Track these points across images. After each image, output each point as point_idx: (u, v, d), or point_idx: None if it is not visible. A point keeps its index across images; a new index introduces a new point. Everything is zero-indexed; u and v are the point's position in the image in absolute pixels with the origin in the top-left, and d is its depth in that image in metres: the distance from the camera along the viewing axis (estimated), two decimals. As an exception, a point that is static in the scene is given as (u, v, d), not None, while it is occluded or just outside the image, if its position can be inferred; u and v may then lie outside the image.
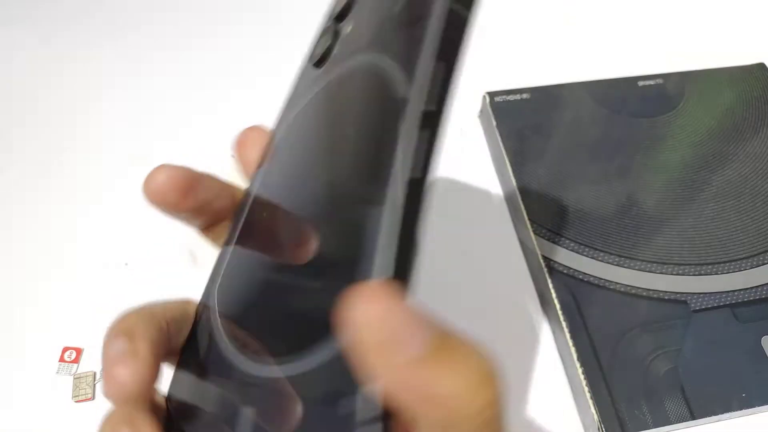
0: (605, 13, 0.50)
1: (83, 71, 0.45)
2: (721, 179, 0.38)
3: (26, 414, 0.30)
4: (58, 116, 0.42)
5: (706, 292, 0.33)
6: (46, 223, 0.37)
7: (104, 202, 0.38)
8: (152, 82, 0.44)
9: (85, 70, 0.45)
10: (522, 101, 0.41)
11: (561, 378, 0.32)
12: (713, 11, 0.51)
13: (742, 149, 0.39)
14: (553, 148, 0.39)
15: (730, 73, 0.44)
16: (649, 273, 0.34)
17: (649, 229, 0.36)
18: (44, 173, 0.39)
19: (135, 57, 0.46)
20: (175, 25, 0.47)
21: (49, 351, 0.32)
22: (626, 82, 0.43)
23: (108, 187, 0.39)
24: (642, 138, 0.40)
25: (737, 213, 0.36)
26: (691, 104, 0.42)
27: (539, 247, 0.35)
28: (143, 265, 0.35)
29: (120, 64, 0.45)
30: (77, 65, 0.45)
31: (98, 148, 0.41)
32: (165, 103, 0.43)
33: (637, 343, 0.31)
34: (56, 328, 0.33)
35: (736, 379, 0.30)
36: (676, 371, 0.31)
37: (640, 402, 0.30)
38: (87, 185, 0.39)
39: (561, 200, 0.37)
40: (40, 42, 0.46)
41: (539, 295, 0.35)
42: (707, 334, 0.32)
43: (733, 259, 0.34)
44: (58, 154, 0.40)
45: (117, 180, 0.39)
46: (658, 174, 0.38)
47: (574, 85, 0.42)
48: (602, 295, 0.33)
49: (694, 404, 0.30)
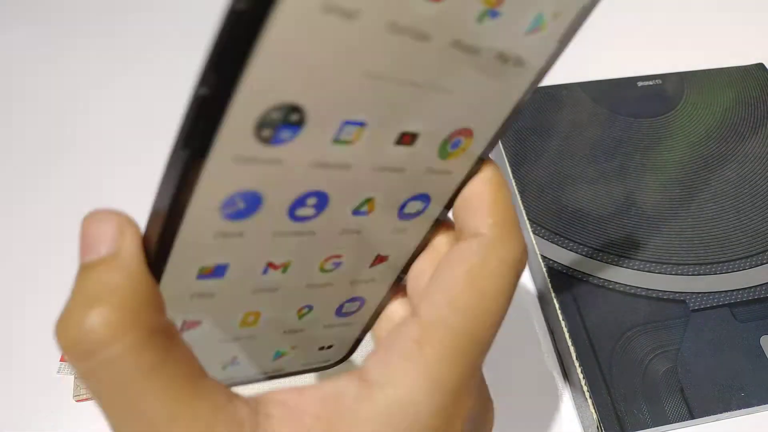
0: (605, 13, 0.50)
1: (83, 70, 0.45)
2: (720, 179, 0.38)
3: (27, 413, 0.30)
4: (57, 115, 0.42)
5: (705, 292, 0.33)
6: (46, 222, 0.37)
7: (104, 202, 0.38)
8: (153, 82, 0.44)
9: (84, 70, 0.45)
10: (521, 101, 0.41)
11: (560, 378, 0.32)
12: (713, 11, 0.51)
13: (741, 149, 0.40)
14: (553, 148, 0.39)
15: (729, 73, 0.44)
16: (648, 273, 0.34)
17: (648, 229, 0.36)
18: (44, 173, 0.39)
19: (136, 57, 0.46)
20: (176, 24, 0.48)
21: (50, 350, 0.32)
22: (625, 82, 0.43)
23: (108, 187, 0.39)
24: (641, 138, 0.40)
25: (736, 213, 0.37)
26: (690, 104, 0.42)
27: (538, 246, 0.35)
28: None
29: (121, 64, 0.45)
30: (77, 64, 0.45)
31: (98, 147, 0.41)
32: (165, 103, 0.43)
33: (636, 342, 0.31)
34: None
35: (735, 378, 0.30)
36: (675, 371, 0.31)
37: (639, 401, 0.30)
38: (87, 185, 0.39)
39: (560, 200, 0.37)
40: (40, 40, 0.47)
41: (539, 295, 0.35)
42: (706, 334, 0.32)
43: (732, 259, 0.35)
44: (59, 154, 0.40)
45: (117, 180, 0.39)
46: (657, 174, 0.38)
47: (574, 85, 0.42)
48: (601, 295, 0.33)
49: (693, 404, 0.30)
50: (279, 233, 0.16)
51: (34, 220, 0.37)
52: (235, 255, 0.16)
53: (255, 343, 0.20)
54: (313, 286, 0.19)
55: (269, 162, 0.14)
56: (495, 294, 0.16)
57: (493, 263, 0.16)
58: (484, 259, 0.16)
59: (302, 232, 0.17)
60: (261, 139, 0.13)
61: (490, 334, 0.16)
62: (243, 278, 0.17)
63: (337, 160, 0.15)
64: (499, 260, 0.16)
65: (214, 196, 0.14)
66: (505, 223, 0.17)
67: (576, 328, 0.32)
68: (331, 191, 0.16)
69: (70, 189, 0.39)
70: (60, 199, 0.38)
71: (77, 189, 0.39)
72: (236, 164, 0.14)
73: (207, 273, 0.16)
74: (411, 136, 0.16)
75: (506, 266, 0.16)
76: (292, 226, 0.16)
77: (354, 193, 0.16)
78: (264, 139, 0.14)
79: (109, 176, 0.39)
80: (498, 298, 0.16)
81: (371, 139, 0.15)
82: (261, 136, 0.13)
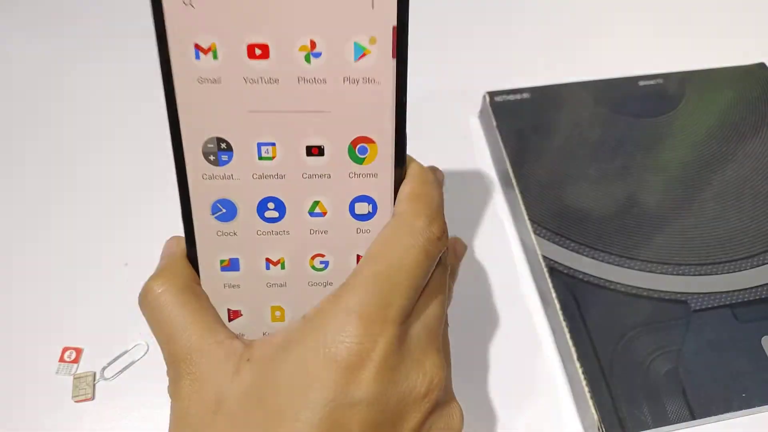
0: (605, 13, 0.50)
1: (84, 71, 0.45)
2: (722, 179, 0.38)
3: (26, 414, 0.30)
4: (58, 116, 0.42)
5: (707, 292, 0.33)
6: (45, 223, 0.37)
7: (104, 202, 0.38)
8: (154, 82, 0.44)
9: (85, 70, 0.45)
10: (522, 101, 0.41)
11: (561, 378, 0.32)
12: (713, 11, 0.51)
13: (743, 149, 0.40)
14: (554, 147, 0.39)
15: (730, 72, 0.44)
16: (650, 273, 0.34)
17: (649, 229, 0.36)
18: (44, 173, 0.39)
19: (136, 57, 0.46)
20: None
21: (48, 351, 0.32)
22: (626, 81, 0.43)
23: (108, 188, 0.39)
24: (642, 138, 0.40)
25: (737, 213, 0.36)
26: (691, 104, 0.42)
27: (539, 247, 0.35)
28: (143, 266, 0.35)
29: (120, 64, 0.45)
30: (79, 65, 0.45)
31: (99, 147, 0.41)
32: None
33: (638, 343, 0.31)
34: (56, 328, 0.33)
35: (737, 379, 0.30)
36: (676, 371, 0.31)
37: (641, 402, 0.30)
38: (87, 185, 0.39)
39: (561, 200, 0.37)
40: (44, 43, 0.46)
41: (539, 295, 0.35)
42: (707, 334, 0.32)
43: (734, 259, 0.34)
44: (58, 155, 0.40)
45: (118, 180, 0.39)
46: (658, 174, 0.38)
47: (575, 84, 0.42)
48: (602, 295, 0.33)
49: (694, 404, 0.30)
50: (261, 232, 0.22)
51: (34, 220, 0.37)
52: (238, 250, 0.22)
53: None
54: (315, 284, 0.23)
55: (225, 177, 0.21)
56: (402, 247, 0.21)
57: (402, 229, 0.21)
58: (394, 227, 0.21)
59: (278, 231, 0.22)
60: (210, 162, 0.21)
61: (401, 274, 0.20)
62: (253, 271, 0.23)
63: (270, 172, 0.21)
64: (408, 226, 0.21)
65: (204, 204, 0.21)
66: (417, 203, 0.22)
67: (577, 329, 0.32)
68: (282, 196, 0.22)
69: (70, 189, 0.39)
70: (60, 199, 0.38)
71: (77, 189, 0.39)
72: (206, 180, 0.21)
73: (226, 266, 0.23)
74: (317, 148, 0.21)
75: (411, 229, 0.21)
76: (267, 226, 0.22)
77: (301, 198, 0.22)
78: (213, 162, 0.21)
79: (110, 176, 0.39)
80: (406, 251, 0.21)
81: (286, 153, 0.21)
82: (209, 160, 0.21)
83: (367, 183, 0.22)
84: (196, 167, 0.21)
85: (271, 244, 0.22)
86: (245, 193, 0.21)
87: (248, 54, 0.19)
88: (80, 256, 0.36)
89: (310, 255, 0.23)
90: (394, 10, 0.19)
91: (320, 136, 0.21)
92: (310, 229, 0.22)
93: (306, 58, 0.19)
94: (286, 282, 0.23)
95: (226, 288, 0.23)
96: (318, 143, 0.21)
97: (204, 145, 0.20)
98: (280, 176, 0.21)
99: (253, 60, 0.19)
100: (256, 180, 0.21)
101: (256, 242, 0.22)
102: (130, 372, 0.31)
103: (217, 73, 0.19)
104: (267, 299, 0.23)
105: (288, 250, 0.23)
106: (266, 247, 0.22)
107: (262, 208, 0.22)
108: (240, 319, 0.23)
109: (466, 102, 0.43)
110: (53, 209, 0.38)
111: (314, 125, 0.21)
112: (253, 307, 0.23)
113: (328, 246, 0.23)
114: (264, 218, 0.22)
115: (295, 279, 0.23)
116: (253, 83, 0.20)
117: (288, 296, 0.23)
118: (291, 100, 0.20)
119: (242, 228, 0.22)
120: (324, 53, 0.19)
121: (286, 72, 0.20)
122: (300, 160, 0.21)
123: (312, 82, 0.20)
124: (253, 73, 0.19)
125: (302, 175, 0.21)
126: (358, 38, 0.19)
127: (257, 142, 0.21)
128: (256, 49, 0.19)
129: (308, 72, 0.20)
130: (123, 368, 0.32)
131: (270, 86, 0.20)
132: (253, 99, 0.20)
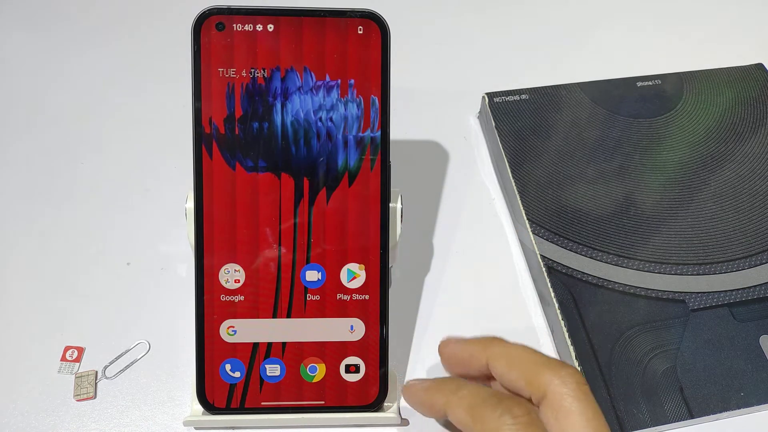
0: (604, 14, 0.51)
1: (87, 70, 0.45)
2: (720, 179, 0.38)
3: (28, 413, 0.30)
4: (59, 115, 0.42)
5: (705, 292, 0.33)
6: (47, 223, 0.37)
7: (106, 202, 0.38)
8: (154, 82, 0.44)
9: (89, 69, 0.45)
10: (521, 102, 0.41)
11: (560, 377, 0.32)
12: (711, 12, 0.51)
13: (741, 149, 0.40)
14: (552, 148, 0.39)
15: (728, 73, 0.44)
16: (648, 272, 0.34)
17: (647, 228, 0.36)
18: (45, 173, 0.39)
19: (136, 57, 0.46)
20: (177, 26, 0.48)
21: (50, 350, 0.32)
22: (625, 82, 0.43)
23: (109, 187, 0.39)
24: (640, 138, 0.40)
25: (735, 213, 0.37)
26: (689, 104, 0.42)
27: (538, 246, 0.35)
28: (145, 265, 0.36)
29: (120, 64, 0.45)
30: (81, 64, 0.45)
31: (99, 148, 0.41)
32: (166, 103, 0.43)
33: (636, 342, 0.31)
34: (58, 327, 0.33)
35: (734, 378, 0.31)
36: (674, 370, 0.31)
37: (639, 401, 0.30)
38: (88, 185, 0.39)
39: (560, 200, 0.37)
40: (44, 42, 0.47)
41: (538, 294, 0.35)
42: (705, 334, 0.32)
43: (731, 259, 0.35)
44: (59, 155, 0.40)
45: (118, 180, 0.39)
46: (656, 174, 0.38)
47: (573, 85, 0.42)
48: (601, 295, 0.33)
49: (692, 403, 0.30)
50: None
51: (36, 220, 0.37)
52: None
53: None
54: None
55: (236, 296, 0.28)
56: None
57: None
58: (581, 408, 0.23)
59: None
60: (226, 283, 0.28)
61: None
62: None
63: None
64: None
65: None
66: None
67: (575, 328, 0.32)
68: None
69: (71, 189, 0.39)
70: (61, 199, 0.38)
71: (78, 189, 0.39)
72: (221, 299, 0.28)
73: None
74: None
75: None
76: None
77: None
78: (229, 287, 0.28)
79: (110, 176, 0.39)
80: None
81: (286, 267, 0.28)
82: (224, 281, 0.28)
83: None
84: (211, 289, 0.28)
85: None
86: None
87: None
88: (82, 255, 0.36)
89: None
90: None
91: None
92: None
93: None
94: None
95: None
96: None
97: (220, 271, 0.28)
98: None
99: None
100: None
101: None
102: (131, 371, 0.32)
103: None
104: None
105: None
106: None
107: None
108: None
109: (465, 103, 0.43)
110: (55, 208, 0.38)
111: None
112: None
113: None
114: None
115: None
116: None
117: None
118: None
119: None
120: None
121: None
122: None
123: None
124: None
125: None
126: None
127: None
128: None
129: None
130: (125, 367, 0.32)
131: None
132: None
